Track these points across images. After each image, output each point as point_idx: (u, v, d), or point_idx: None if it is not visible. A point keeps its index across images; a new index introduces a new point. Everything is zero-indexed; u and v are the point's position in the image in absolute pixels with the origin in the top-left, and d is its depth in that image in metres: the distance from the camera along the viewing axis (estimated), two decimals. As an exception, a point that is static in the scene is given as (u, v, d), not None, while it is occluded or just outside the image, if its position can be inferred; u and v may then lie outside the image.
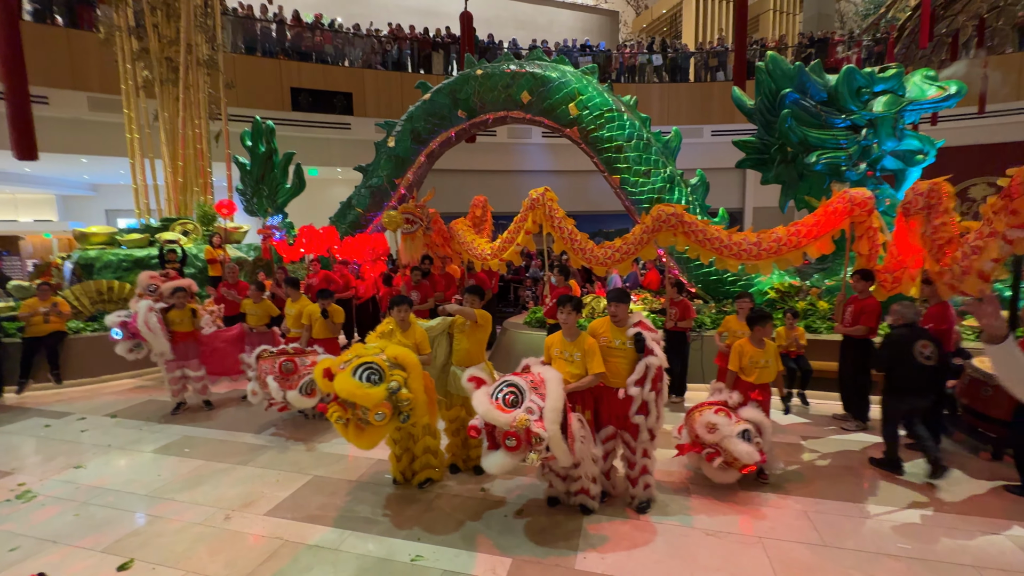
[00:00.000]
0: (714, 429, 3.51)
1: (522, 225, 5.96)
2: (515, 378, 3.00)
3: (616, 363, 3.33)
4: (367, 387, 3.01)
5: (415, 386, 3.23)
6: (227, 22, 12.01)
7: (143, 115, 9.34)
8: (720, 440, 3.48)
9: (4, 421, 5.33)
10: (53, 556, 3.02)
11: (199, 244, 8.89)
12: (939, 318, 4.22)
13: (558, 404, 2.87)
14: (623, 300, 3.38)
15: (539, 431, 2.72)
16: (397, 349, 3.32)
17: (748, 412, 3.66)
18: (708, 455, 3.53)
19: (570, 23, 21.94)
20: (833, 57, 13.81)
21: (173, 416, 5.40)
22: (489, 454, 2.90)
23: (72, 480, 3.98)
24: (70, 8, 10.81)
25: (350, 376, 3.05)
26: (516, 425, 2.71)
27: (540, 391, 2.91)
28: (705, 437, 3.56)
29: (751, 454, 3.41)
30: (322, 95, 13.19)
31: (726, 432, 3.47)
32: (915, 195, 4.57)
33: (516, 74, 8.22)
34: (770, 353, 3.80)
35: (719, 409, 3.65)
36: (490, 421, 2.83)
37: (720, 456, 3.49)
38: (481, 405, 2.87)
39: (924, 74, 6.54)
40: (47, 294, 6.32)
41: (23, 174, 13.12)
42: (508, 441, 2.76)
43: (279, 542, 3.13)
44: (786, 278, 6.92)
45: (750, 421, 3.60)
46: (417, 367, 3.33)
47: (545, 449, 2.78)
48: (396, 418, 3.14)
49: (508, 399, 2.88)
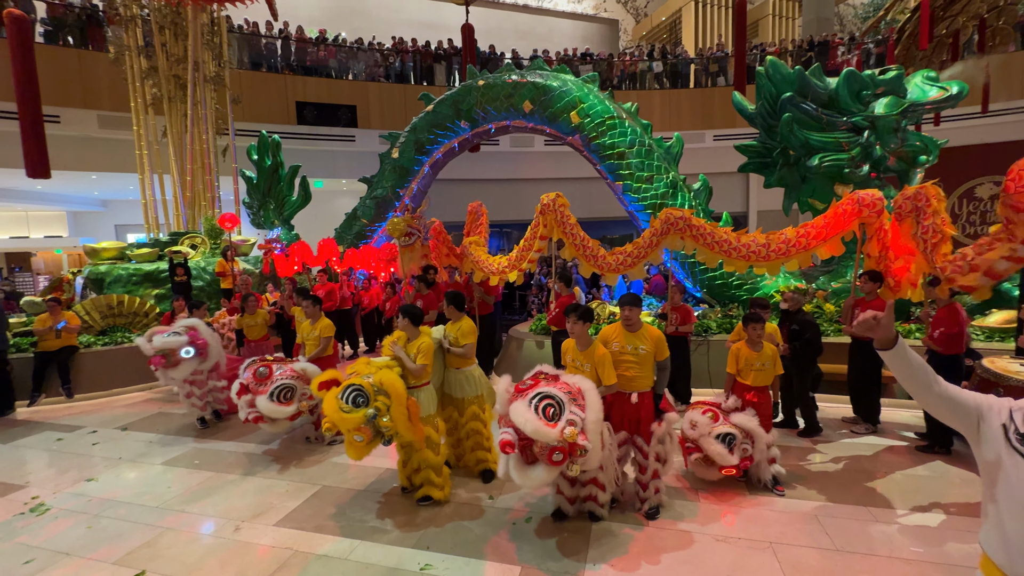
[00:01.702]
0: (695, 426, 3.67)
1: (537, 231, 5.96)
2: (550, 389, 2.91)
3: (629, 368, 3.32)
4: (348, 410, 3.17)
5: (396, 413, 3.23)
6: (233, 39, 12.24)
7: (152, 132, 9.52)
8: (698, 437, 3.64)
9: (17, 435, 5.39)
10: (66, 569, 3.05)
11: (207, 257, 9.00)
12: (948, 321, 4.18)
13: (599, 416, 2.88)
14: (636, 304, 3.39)
15: (584, 444, 2.72)
16: (385, 375, 3.32)
17: (739, 418, 3.69)
18: (687, 449, 3.74)
19: (570, 32, 22.16)
20: (833, 60, 13.84)
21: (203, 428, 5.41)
22: (526, 469, 2.80)
23: (84, 493, 4.01)
24: (81, 29, 11.08)
25: (335, 397, 3.23)
26: (566, 440, 2.67)
27: (579, 402, 2.88)
28: (687, 432, 3.75)
29: (723, 456, 3.52)
30: (327, 108, 13.38)
31: (703, 431, 3.62)
32: (903, 199, 4.68)
33: (518, 84, 8.31)
34: (767, 356, 3.81)
35: (707, 410, 3.77)
36: (539, 438, 2.73)
37: (698, 452, 3.65)
38: (529, 423, 2.74)
39: (925, 75, 6.55)
40: (56, 310, 6.41)
41: (35, 191, 13.36)
42: (555, 456, 2.70)
43: (289, 552, 3.14)
44: (791, 281, 6.90)
45: (739, 427, 3.64)
46: (401, 395, 3.27)
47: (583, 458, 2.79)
48: (377, 439, 3.24)
49: (548, 412, 2.79)
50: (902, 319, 6.11)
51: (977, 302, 5.56)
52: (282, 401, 4.34)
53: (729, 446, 3.55)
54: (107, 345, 6.92)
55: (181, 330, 5.11)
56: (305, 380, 4.51)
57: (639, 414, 3.35)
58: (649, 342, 3.33)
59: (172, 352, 4.95)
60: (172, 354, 4.96)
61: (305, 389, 4.48)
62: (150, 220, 9.67)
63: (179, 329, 5.11)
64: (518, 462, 2.83)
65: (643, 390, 3.38)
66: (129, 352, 6.92)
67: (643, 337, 3.35)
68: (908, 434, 4.72)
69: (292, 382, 4.44)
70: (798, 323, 4.71)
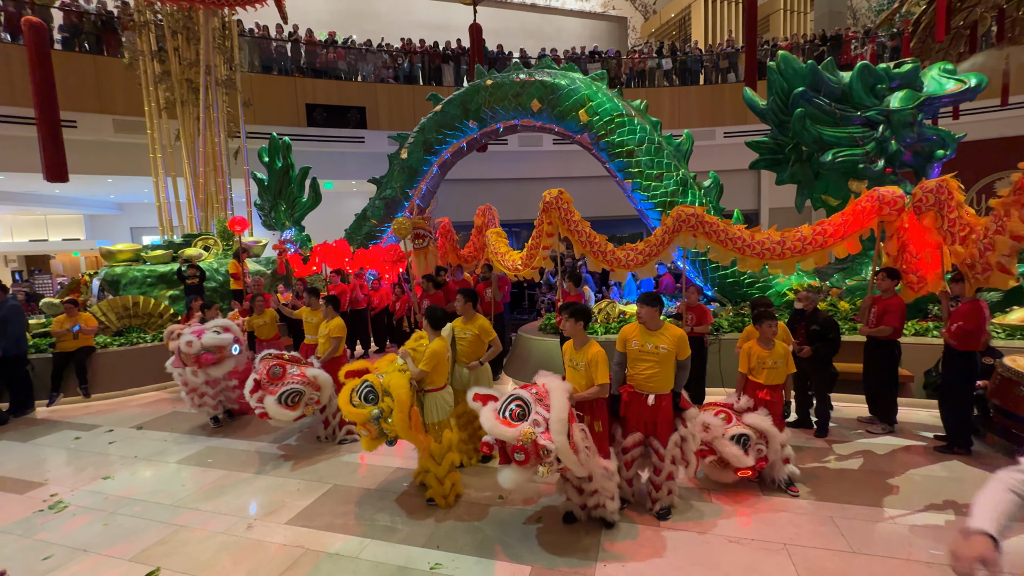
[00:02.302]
0: (707, 428, 3.60)
1: (542, 229, 5.92)
2: (522, 391, 2.97)
3: (648, 368, 3.26)
4: (358, 405, 3.40)
5: (396, 418, 3.31)
6: (244, 43, 12.39)
7: (165, 135, 9.67)
8: (711, 440, 3.58)
9: (37, 434, 5.50)
10: (84, 565, 3.10)
11: (220, 259, 9.12)
12: (968, 317, 4.08)
13: (562, 415, 2.82)
14: (652, 304, 3.30)
15: (545, 443, 2.69)
16: (395, 378, 3.41)
17: (752, 419, 3.63)
18: (700, 451, 3.64)
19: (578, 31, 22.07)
20: (847, 55, 13.62)
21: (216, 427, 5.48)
22: (501, 469, 2.89)
23: (101, 491, 4.08)
24: (97, 36, 11.28)
25: (348, 391, 3.48)
26: (522, 439, 2.69)
27: (545, 402, 2.88)
28: (700, 435, 3.67)
29: (739, 458, 3.47)
30: (336, 110, 13.48)
31: (716, 433, 3.57)
32: (924, 192, 4.60)
33: (526, 83, 8.29)
34: (779, 354, 3.76)
35: (719, 411, 3.71)
36: (497, 436, 2.81)
37: (712, 455, 3.61)
38: (487, 421, 2.85)
39: (942, 68, 6.41)
40: (73, 311, 6.53)
41: (53, 195, 13.64)
42: (517, 455, 2.74)
43: (300, 550, 3.16)
44: (805, 279, 6.80)
45: (753, 428, 3.58)
46: (403, 402, 3.33)
47: (556, 461, 2.76)
48: (381, 438, 3.44)
49: (515, 413, 2.85)
50: (919, 317, 5.99)
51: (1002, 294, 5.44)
52: (288, 405, 4.36)
53: (744, 447, 3.50)
54: (123, 345, 7.03)
55: (219, 329, 5.16)
56: (315, 387, 4.55)
57: (656, 416, 3.30)
58: (670, 341, 3.25)
59: (221, 349, 5.02)
60: (220, 351, 5.02)
61: (313, 395, 4.53)
62: (164, 222, 9.82)
63: (217, 328, 5.16)
64: (499, 461, 2.89)
65: (662, 392, 3.28)
66: (144, 352, 7.04)
67: (664, 336, 3.26)
68: (926, 434, 4.62)
69: (301, 387, 4.45)
70: (819, 323, 4.59)
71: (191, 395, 5.35)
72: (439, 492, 3.61)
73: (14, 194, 12.89)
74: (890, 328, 4.49)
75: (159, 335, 7.19)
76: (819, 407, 4.71)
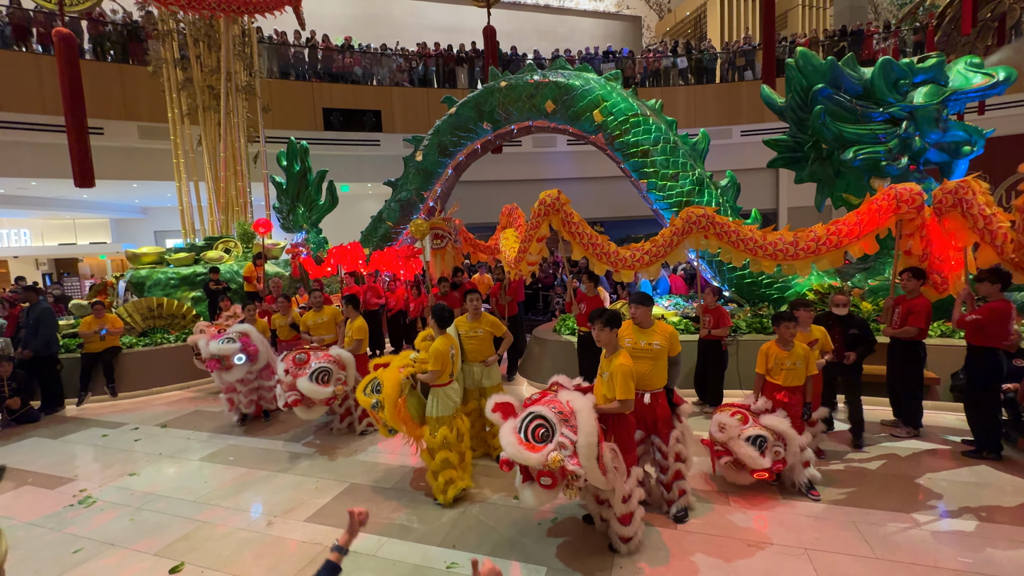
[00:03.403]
0: (723, 429, 3.59)
1: (534, 234, 5.67)
2: (542, 409, 2.75)
3: (641, 366, 3.25)
4: (368, 395, 3.91)
5: (386, 410, 3.72)
6: (263, 49, 12.64)
7: (188, 141, 9.91)
8: (727, 440, 3.56)
9: (66, 431, 5.69)
10: (111, 559, 3.20)
11: (240, 261, 9.31)
12: (988, 311, 3.94)
13: (592, 439, 2.63)
14: (644, 303, 3.37)
15: (575, 469, 2.53)
16: (386, 373, 3.82)
17: (770, 420, 3.57)
18: (716, 452, 3.65)
19: (592, 31, 22.01)
20: (868, 50, 13.33)
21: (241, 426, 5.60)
22: (523, 487, 2.71)
23: (127, 487, 4.20)
24: (123, 45, 11.63)
25: (364, 383, 4.00)
26: (550, 465, 2.52)
27: (571, 423, 2.67)
28: (715, 435, 3.68)
29: (754, 459, 3.42)
30: (352, 114, 13.66)
31: (732, 433, 3.54)
32: (944, 193, 4.51)
33: (540, 84, 8.30)
34: (798, 355, 3.68)
35: (736, 412, 3.67)
36: (520, 462, 2.63)
37: (727, 455, 3.57)
38: (510, 446, 2.65)
39: (968, 61, 6.23)
40: (101, 312, 6.74)
41: (80, 200, 14.08)
42: (543, 480, 2.59)
43: (319, 548, 3.21)
44: (825, 279, 6.67)
45: (771, 429, 3.52)
46: (389, 396, 3.69)
47: (584, 482, 2.64)
48: (384, 428, 3.95)
49: (538, 433, 2.66)
50: (944, 318, 5.82)
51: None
52: (321, 382, 4.59)
53: (760, 449, 3.45)
54: (148, 346, 7.22)
55: (234, 335, 5.30)
56: (340, 365, 4.80)
57: (655, 413, 3.30)
58: (662, 337, 3.30)
59: (226, 358, 5.21)
60: (226, 359, 5.20)
61: (340, 374, 4.75)
62: (187, 226, 10.06)
63: (232, 335, 5.30)
64: (521, 479, 2.72)
65: (656, 389, 3.30)
66: (168, 352, 7.22)
67: (656, 333, 3.31)
68: (953, 438, 4.49)
69: (329, 365, 4.70)
70: (857, 326, 4.41)
71: (227, 394, 5.56)
72: (435, 487, 3.68)
73: (45, 199, 13.37)
74: (915, 329, 4.37)
75: (183, 336, 7.37)
76: (853, 413, 4.46)
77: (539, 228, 5.64)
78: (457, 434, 3.71)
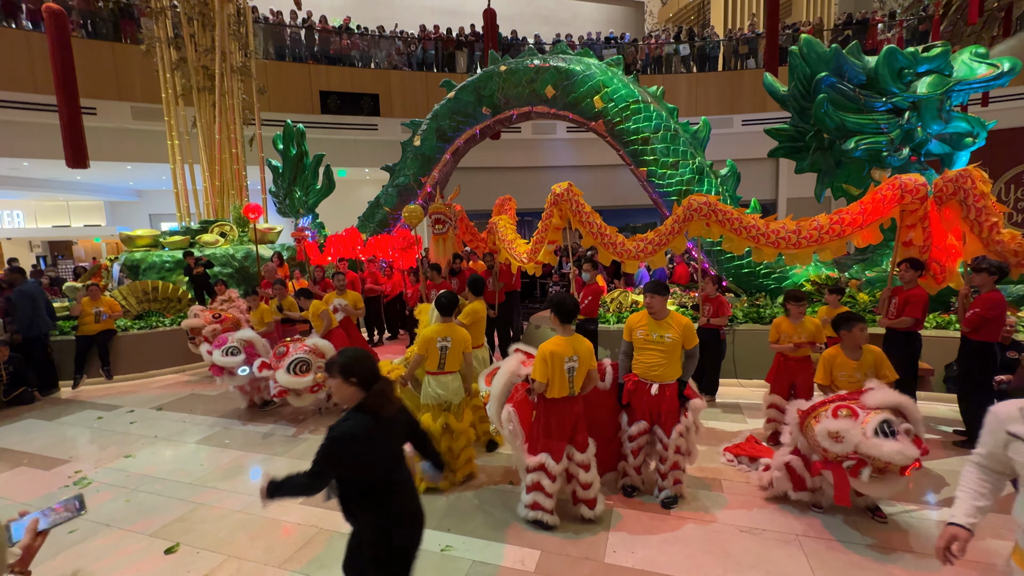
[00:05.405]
0: (840, 438, 2.74)
1: (549, 223, 5.87)
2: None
3: (652, 357, 3.25)
4: None
5: None
6: (259, 29, 12.40)
7: (182, 122, 9.76)
8: (856, 445, 2.69)
9: (61, 413, 5.68)
10: (107, 539, 3.21)
11: (235, 245, 9.24)
12: (987, 303, 3.96)
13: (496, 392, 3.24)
14: (660, 292, 3.29)
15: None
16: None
17: (875, 398, 2.80)
18: (851, 469, 2.75)
19: (594, 16, 21.66)
20: (873, 39, 13.18)
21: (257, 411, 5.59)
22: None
23: (123, 469, 4.21)
24: (115, 23, 11.39)
25: None
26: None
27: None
28: (834, 450, 2.80)
29: (903, 451, 2.58)
30: (350, 97, 13.48)
31: (855, 436, 2.68)
32: (944, 182, 4.52)
33: (540, 69, 8.18)
34: (868, 364, 3.13)
35: (838, 407, 2.84)
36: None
37: (866, 465, 2.71)
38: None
39: (973, 51, 6.16)
40: (97, 293, 6.69)
41: (74, 182, 13.92)
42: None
43: (314, 530, 3.23)
44: (823, 270, 6.67)
45: (885, 407, 2.75)
46: None
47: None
48: None
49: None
50: (940, 309, 5.84)
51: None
52: (298, 373, 4.63)
53: (893, 436, 2.65)
54: (143, 329, 7.19)
55: (239, 344, 5.26)
56: (319, 354, 4.82)
57: (660, 405, 3.29)
58: (676, 330, 3.23)
59: (231, 369, 5.27)
60: (231, 370, 5.27)
61: (319, 362, 4.76)
62: (182, 209, 9.96)
63: (236, 344, 5.26)
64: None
65: (667, 382, 3.27)
66: (164, 335, 7.20)
67: (670, 325, 3.25)
68: (945, 428, 4.54)
69: (306, 356, 4.74)
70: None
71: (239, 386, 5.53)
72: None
73: (38, 180, 13.20)
74: (911, 319, 4.37)
75: (178, 319, 7.34)
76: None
77: (553, 217, 5.74)
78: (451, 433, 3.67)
